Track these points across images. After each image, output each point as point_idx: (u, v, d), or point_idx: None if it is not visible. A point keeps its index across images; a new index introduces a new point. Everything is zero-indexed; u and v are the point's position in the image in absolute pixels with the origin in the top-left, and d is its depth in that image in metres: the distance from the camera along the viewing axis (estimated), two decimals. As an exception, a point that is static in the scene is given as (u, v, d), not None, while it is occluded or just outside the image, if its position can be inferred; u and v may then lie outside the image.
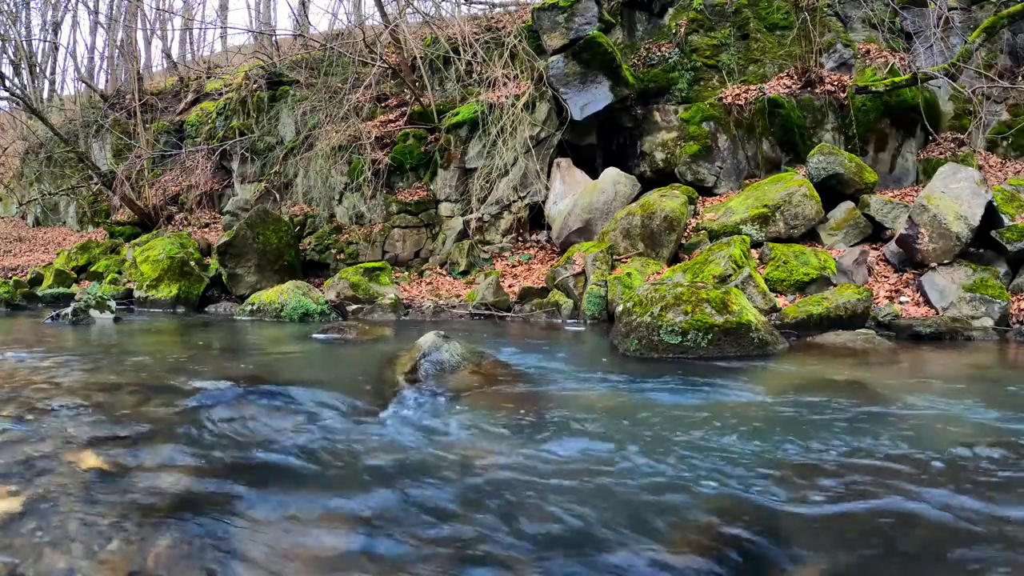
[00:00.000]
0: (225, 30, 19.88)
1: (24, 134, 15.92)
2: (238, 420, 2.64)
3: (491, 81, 9.40)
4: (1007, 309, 5.71)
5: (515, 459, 2.29)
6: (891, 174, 8.45)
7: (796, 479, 2.10)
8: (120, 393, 3.03)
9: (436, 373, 3.42)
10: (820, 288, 6.26)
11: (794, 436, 2.56)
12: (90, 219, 14.59)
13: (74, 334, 5.67)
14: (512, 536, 1.71)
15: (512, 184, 9.03)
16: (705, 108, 8.91)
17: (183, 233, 10.80)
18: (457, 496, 1.95)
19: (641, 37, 9.97)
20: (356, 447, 2.39)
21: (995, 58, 8.84)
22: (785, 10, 9.38)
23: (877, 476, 2.15)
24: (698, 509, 1.87)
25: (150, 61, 18.72)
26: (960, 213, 6.22)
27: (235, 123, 12.47)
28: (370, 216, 9.95)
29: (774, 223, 7.24)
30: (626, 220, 7.60)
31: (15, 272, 11.68)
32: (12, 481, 1.93)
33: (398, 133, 10.25)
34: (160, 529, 1.68)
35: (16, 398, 2.90)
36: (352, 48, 11.21)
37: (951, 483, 2.09)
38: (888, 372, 4.05)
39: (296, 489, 1.99)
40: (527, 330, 6.27)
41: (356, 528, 1.74)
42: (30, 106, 12.53)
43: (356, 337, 5.36)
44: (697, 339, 4.31)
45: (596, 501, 1.90)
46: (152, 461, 2.16)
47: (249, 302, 7.51)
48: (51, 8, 17.72)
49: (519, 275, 8.39)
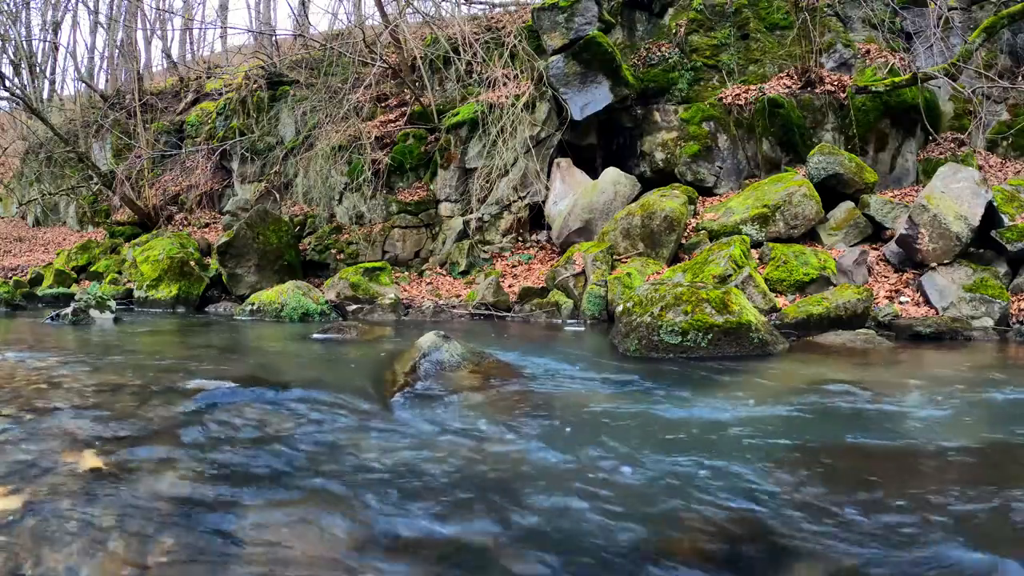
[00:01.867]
0: (225, 30, 19.85)
1: (24, 134, 15.91)
2: (238, 420, 2.64)
3: (491, 81, 9.40)
4: (1007, 309, 5.71)
5: (514, 459, 2.29)
6: (891, 174, 8.45)
7: (796, 479, 2.10)
8: (120, 393, 3.03)
9: (436, 373, 3.42)
10: (820, 288, 6.26)
11: (794, 436, 2.56)
12: (90, 219, 14.59)
13: (74, 334, 5.67)
14: (511, 536, 1.71)
15: (512, 184, 9.03)
16: (705, 108, 8.91)
17: (183, 233, 10.80)
18: (456, 496, 1.95)
19: (641, 37, 9.98)
20: (356, 447, 2.39)
21: (995, 58, 8.84)
22: (785, 10, 9.38)
23: (876, 476, 2.15)
24: (697, 509, 1.87)
25: (150, 61, 18.73)
26: (960, 213, 6.22)
27: (235, 123, 12.48)
28: (370, 216, 9.95)
29: (774, 223, 7.24)
30: (626, 220, 7.60)
31: (15, 272, 11.68)
32: (12, 481, 1.93)
33: (398, 133, 10.25)
34: (160, 529, 1.68)
35: (16, 398, 2.90)
36: (352, 48, 11.21)
37: (946, 481, 2.09)
38: (888, 372, 4.05)
39: (296, 489, 1.99)
40: (527, 330, 6.27)
41: (355, 528, 1.75)
42: (30, 106, 12.52)
43: (356, 337, 5.36)
44: (697, 339, 4.31)
45: (596, 501, 1.90)
46: (152, 461, 2.16)
47: (249, 302, 7.51)
48: (51, 8, 17.71)
49: (519, 275, 8.39)
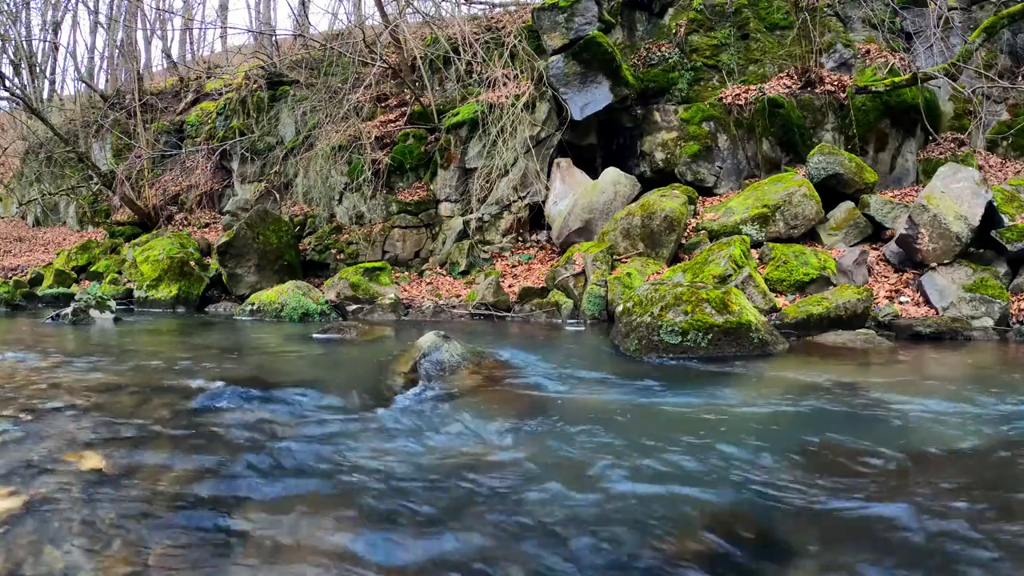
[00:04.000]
0: (225, 30, 19.86)
1: (24, 134, 15.91)
2: (238, 420, 2.64)
3: (491, 81, 9.40)
4: (1007, 309, 5.71)
5: (513, 459, 2.29)
6: (891, 174, 8.44)
7: (796, 479, 2.10)
8: (120, 393, 3.03)
9: (436, 373, 3.42)
10: (820, 288, 6.26)
11: (794, 436, 2.56)
12: (90, 219, 14.58)
13: (74, 334, 5.67)
14: (511, 536, 1.71)
15: (512, 184, 9.03)
16: (705, 108, 8.91)
17: (183, 233, 10.80)
18: (455, 496, 1.95)
19: (641, 37, 9.97)
20: (356, 448, 2.39)
21: (995, 58, 8.84)
22: (785, 10, 9.38)
23: (875, 474, 2.15)
24: (696, 509, 1.87)
25: (150, 61, 18.73)
26: (960, 213, 6.22)
27: (235, 123, 12.47)
28: (370, 216, 9.95)
29: (774, 223, 7.24)
30: (626, 220, 7.60)
31: (15, 272, 11.68)
32: (12, 481, 1.93)
33: (398, 133, 10.25)
34: (160, 529, 1.68)
35: (16, 398, 2.90)
36: (352, 48, 11.21)
37: (938, 483, 2.09)
38: (888, 372, 4.04)
39: (295, 488, 1.99)
40: (527, 330, 6.27)
41: (354, 528, 1.75)
42: (30, 106, 12.51)
43: (356, 337, 5.36)
44: (697, 339, 4.31)
45: (596, 502, 1.90)
46: (152, 461, 2.16)
47: (249, 302, 7.51)
48: (51, 8, 17.71)
49: (519, 275, 8.38)
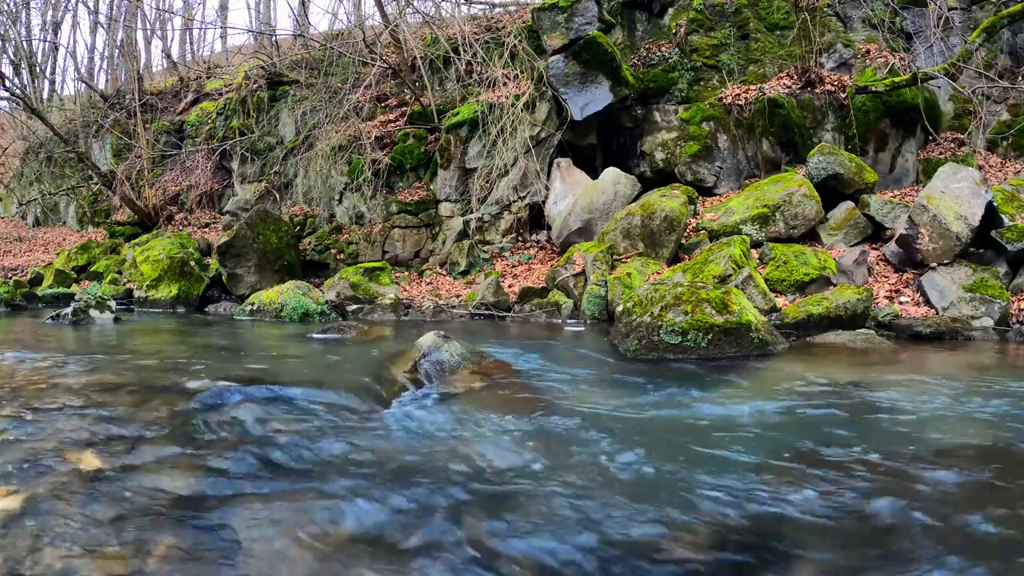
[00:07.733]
0: (225, 30, 19.90)
1: (24, 134, 15.89)
2: (237, 420, 2.64)
3: (491, 81, 9.40)
4: (1007, 309, 5.71)
5: (514, 459, 2.29)
6: (891, 174, 8.44)
7: (795, 479, 2.10)
8: (120, 393, 3.03)
9: (436, 373, 3.42)
10: (820, 288, 6.26)
11: (794, 436, 2.56)
12: (90, 219, 14.58)
13: (74, 334, 5.67)
14: (511, 536, 1.71)
15: (512, 184, 9.03)
16: (705, 108, 8.91)
17: (183, 233, 10.80)
18: (453, 496, 1.95)
19: (641, 37, 9.97)
20: (355, 447, 2.38)
21: (995, 58, 8.83)
22: (785, 10, 9.38)
23: (875, 474, 2.15)
24: (696, 510, 1.87)
25: (150, 61, 18.73)
26: (960, 213, 6.22)
27: (235, 123, 12.47)
28: (370, 216, 9.95)
29: (774, 223, 7.24)
30: (626, 220, 7.60)
31: (15, 272, 11.67)
32: (12, 481, 1.93)
33: (398, 133, 10.25)
34: (160, 529, 1.68)
35: (16, 398, 2.90)
36: (352, 48, 11.21)
37: (938, 484, 2.09)
38: (888, 372, 4.04)
39: (295, 489, 1.99)
40: (527, 330, 6.27)
41: (354, 528, 1.75)
42: (30, 106, 12.51)
43: (356, 337, 5.36)
44: (697, 339, 4.31)
45: (595, 502, 1.90)
46: (152, 461, 2.15)
47: (249, 302, 7.51)
48: (51, 8, 17.72)
49: (519, 275, 8.39)
